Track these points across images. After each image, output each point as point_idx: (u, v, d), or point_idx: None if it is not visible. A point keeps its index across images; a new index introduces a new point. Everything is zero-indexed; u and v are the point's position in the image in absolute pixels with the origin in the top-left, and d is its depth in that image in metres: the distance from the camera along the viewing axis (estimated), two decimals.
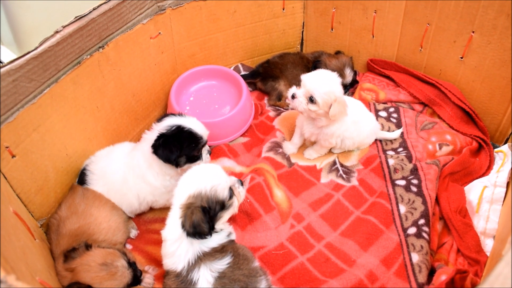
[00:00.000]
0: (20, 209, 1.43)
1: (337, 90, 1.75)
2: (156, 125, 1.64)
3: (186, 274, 1.31)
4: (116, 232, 1.58)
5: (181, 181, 1.40)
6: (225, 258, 1.34)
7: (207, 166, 1.43)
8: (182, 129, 1.59)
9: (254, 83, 2.38)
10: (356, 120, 1.89)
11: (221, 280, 1.29)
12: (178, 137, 1.57)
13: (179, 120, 1.62)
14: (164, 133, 1.58)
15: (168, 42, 2.05)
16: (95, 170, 1.69)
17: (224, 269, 1.31)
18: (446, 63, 2.14)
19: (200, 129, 1.63)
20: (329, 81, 1.75)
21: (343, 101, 1.75)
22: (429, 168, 1.82)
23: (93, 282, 1.33)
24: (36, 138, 1.49)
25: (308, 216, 1.76)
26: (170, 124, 1.60)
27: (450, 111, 2.09)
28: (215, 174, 1.38)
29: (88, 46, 1.61)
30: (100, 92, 1.75)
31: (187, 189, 1.34)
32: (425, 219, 1.66)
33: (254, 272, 1.36)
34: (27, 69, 1.38)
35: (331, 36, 2.43)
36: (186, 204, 1.32)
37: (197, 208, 1.29)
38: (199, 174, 1.38)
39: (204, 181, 1.34)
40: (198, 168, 1.42)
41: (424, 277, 1.51)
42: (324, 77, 1.77)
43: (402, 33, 2.21)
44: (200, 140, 1.62)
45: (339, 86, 1.77)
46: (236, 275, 1.32)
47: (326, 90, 1.72)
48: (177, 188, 1.38)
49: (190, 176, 1.39)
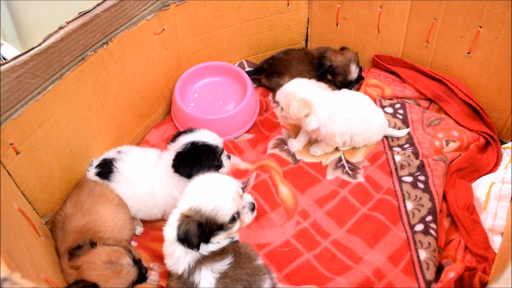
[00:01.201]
0: (25, 206, 1.42)
1: (296, 89, 1.76)
2: (171, 146, 1.64)
3: (187, 277, 1.29)
4: (122, 230, 1.57)
5: (190, 186, 1.38)
6: (226, 259, 1.32)
7: (221, 181, 1.37)
8: (197, 144, 1.59)
9: (258, 80, 2.36)
10: (363, 118, 1.87)
11: (223, 280, 1.27)
12: (195, 152, 1.58)
13: (191, 136, 1.63)
14: (180, 151, 1.59)
15: (172, 38, 2.04)
16: (124, 171, 1.67)
17: (225, 269, 1.29)
18: (453, 58, 2.12)
19: (214, 139, 1.63)
20: (290, 84, 1.80)
21: (304, 99, 1.74)
22: (436, 165, 1.80)
23: (98, 280, 1.31)
24: (41, 134, 1.48)
25: (314, 213, 1.74)
26: (185, 142, 1.61)
27: (456, 107, 2.07)
28: (223, 196, 1.32)
29: (92, 42, 1.60)
30: (104, 88, 1.73)
31: (191, 199, 1.32)
32: (433, 215, 1.64)
33: (257, 271, 1.34)
34: (31, 65, 1.36)
35: (336, 32, 2.41)
36: (185, 214, 1.30)
37: (194, 221, 1.27)
38: (207, 188, 1.34)
39: (208, 199, 1.30)
40: (211, 179, 1.38)
41: (432, 274, 1.49)
42: (290, 83, 1.82)
43: (408, 29, 2.19)
44: (216, 150, 1.62)
45: (301, 88, 1.77)
46: (238, 274, 1.30)
47: (284, 92, 1.77)
48: (185, 193, 1.37)
49: (199, 185, 1.36)
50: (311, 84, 1.80)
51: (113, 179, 1.66)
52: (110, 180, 1.66)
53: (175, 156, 1.59)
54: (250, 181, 1.80)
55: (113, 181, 1.66)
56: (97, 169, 1.70)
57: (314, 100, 1.76)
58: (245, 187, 1.80)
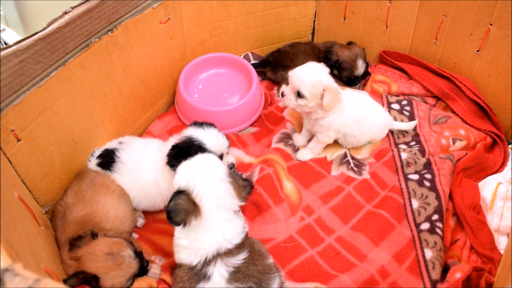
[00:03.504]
0: (25, 194, 1.38)
1: (324, 79, 1.69)
2: (179, 133, 1.63)
3: (200, 268, 1.26)
4: (123, 221, 1.53)
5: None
6: (242, 254, 1.29)
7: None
8: (193, 142, 1.56)
9: (264, 72, 2.33)
10: (358, 119, 1.83)
11: (236, 275, 1.25)
12: (188, 149, 1.54)
13: (195, 131, 1.59)
14: (177, 143, 1.56)
15: (178, 28, 2.00)
16: (127, 161, 1.64)
17: (239, 264, 1.27)
18: (462, 56, 2.09)
19: (212, 143, 1.57)
20: (314, 72, 1.71)
21: (334, 88, 1.68)
22: (443, 163, 1.77)
23: (99, 271, 1.29)
24: (42, 122, 1.44)
25: (318, 209, 1.72)
26: (186, 135, 1.58)
27: (464, 106, 2.04)
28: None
29: (97, 29, 1.56)
30: (108, 77, 1.69)
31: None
32: (439, 214, 1.61)
33: (268, 269, 1.32)
34: (35, 50, 1.33)
35: (344, 26, 2.37)
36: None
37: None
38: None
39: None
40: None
41: (437, 274, 1.46)
42: (308, 69, 1.72)
43: (417, 24, 2.15)
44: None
45: (326, 75, 1.71)
46: (250, 270, 1.27)
47: (312, 81, 1.67)
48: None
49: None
50: (325, 68, 1.73)
51: (115, 170, 1.63)
52: (112, 170, 1.63)
53: (172, 146, 1.56)
54: (254, 175, 1.77)
55: (115, 171, 1.63)
56: (99, 159, 1.67)
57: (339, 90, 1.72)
58: None
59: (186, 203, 1.24)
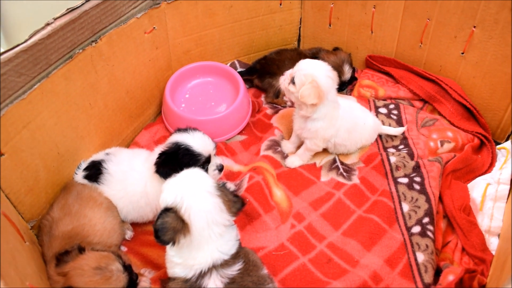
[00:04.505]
0: (9, 210, 1.35)
1: (319, 76, 1.66)
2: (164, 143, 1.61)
3: (195, 280, 1.24)
4: (111, 234, 1.51)
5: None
6: (237, 264, 1.27)
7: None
8: (179, 146, 1.53)
9: (251, 80, 2.32)
10: (350, 129, 1.83)
11: (230, 285, 1.23)
12: (176, 154, 1.52)
13: (180, 136, 1.57)
14: (164, 151, 1.54)
15: (163, 37, 1.99)
16: (114, 172, 1.62)
17: (234, 275, 1.25)
18: (447, 58, 2.10)
19: (199, 145, 1.55)
20: (314, 67, 1.70)
21: (319, 88, 1.65)
22: (431, 166, 1.77)
23: (87, 286, 1.25)
24: (26, 135, 1.42)
25: (308, 216, 1.70)
26: (171, 141, 1.56)
27: (450, 108, 2.05)
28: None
29: (80, 39, 1.54)
30: (93, 88, 1.68)
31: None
32: (430, 217, 1.61)
33: (262, 280, 1.30)
34: (16, 62, 1.31)
35: (329, 32, 2.38)
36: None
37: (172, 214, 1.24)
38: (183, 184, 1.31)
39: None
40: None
41: (430, 277, 1.46)
42: (313, 63, 1.72)
43: (402, 29, 2.16)
44: (198, 157, 1.54)
45: (325, 77, 1.68)
46: (245, 281, 1.25)
47: (306, 72, 1.67)
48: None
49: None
50: (332, 73, 1.71)
51: (102, 181, 1.61)
52: (99, 182, 1.60)
53: (159, 154, 1.54)
54: (243, 183, 1.76)
55: (102, 183, 1.61)
56: (86, 171, 1.64)
57: (327, 95, 1.69)
58: (238, 190, 1.75)
59: (174, 221, 1.21)
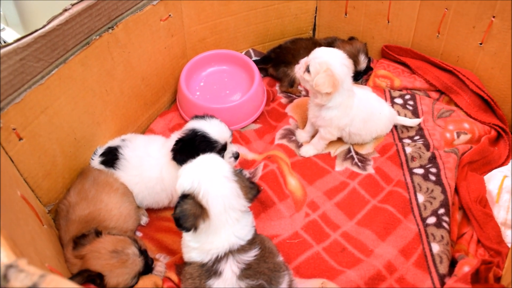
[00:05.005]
0: (28, 193, 1.37)
1: (334, 64, 1.65)
2: (181, 129, 1.61)
3: (212, 265, 1.25)
4: (127, 219, 1.52)
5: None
6: (253, 250, 1.27)
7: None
8: (196, 133, 1.54)
9: (265, 69, 2.31)
10: (366, 119, 1.82)
11: (246, 271, 1.23)
12: (193, 141, 1.53)
13: (197, 123, 1.57)
14: (181, 138, 1.55)
15: (178, 25, 1.98)
16: (131, 157, 1.63)
17: (250, 261, 1.25)
18: (464, 49, 2.07)
19: (216, 132, 1.55)
20: (329, 54, 1.68)
21: (334, 76, 1.64)
22: (447, 157, 1.76)
23: (103, 269, 1.27)
24: (44, 120, 1.43)
25: (323, 205, 1.70)
26: (188, 128, 1.57)
27: (467, 99, 2.03)
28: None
29: (97, 26, 1.54)
30: (109, 74, 1.68)
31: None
32: (445, 208, 1.60)
33: (278, 267, 1.30)
34: (35, 47, 1.31)
35: (345, 21, 2.35)
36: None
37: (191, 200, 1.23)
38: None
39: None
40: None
41: (445, 268, 1.45)
42: (328, 51, 1.70)
43: (419, 18, 2.13)
44: (214, 144, 1.54)
45: (340, 65, 1.67)
46: (261, 267, 1.25)
47: (321, 60, 1.66)
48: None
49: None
50: (347, 61, 1.70)
51: (119, 167, 1.62)
52: (115, 168, 1.62)
53: (176, 141, 1.55)
54: (258, 171, 1.76)
55: (119, 168, 1.62)
56: (102, 157, 1.65)
57: (343, 83, 1.68)
58: (252, 178, 1.76)
59: (193, 207, 1.21)
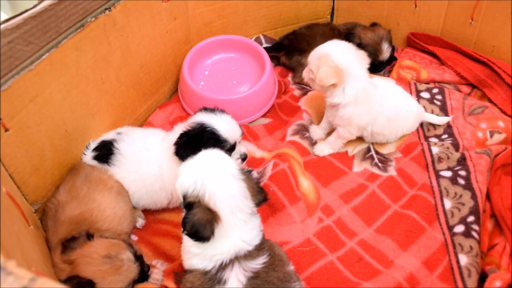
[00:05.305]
0: (13, 190, 1.38)
1: (334, 53, 1.64)
2: (185, 121, 1.62)
3: (215, 272, 1.25)
4: (122, 221, 1.54)
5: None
6: (261, 257, 1.27)
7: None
8: (204, 128, 1.55)
9: (277, 57, 2.32)
10: (391, 117, 1.81)
11: (254, 280, 1.23)
12: (200, 137, 1.53)
13: (206, 117, 1.58)
14: (186, 131, 1.55)
15: (182, 7, 1.99)
16: (126, 152, 1.64)
17: (258, 269, 1.25)
18: (501, 38, 2.07)
19: (226, 131, 1.56)
20: (326, 46, 1.69)
21: (336, 66, 1.63)
22: (479, 158, 1.75)
23: (95, 276, 1.28)
24: (33, 110, 1.44)
25: (338, 209, 1.71)
26: (196, 121, 1.57)
27: (503, 94, 2.02)
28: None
29: (93, 7, 1.55)
30: (105, 61, 1.69)
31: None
32: (475, 216, 1.60)
33: (289, 277, 1.30)
34: (25, 29, 1.32)
35: (367, 5, 2.36)
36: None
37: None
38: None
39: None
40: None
41: (474, 282, 1.45)
42: (327, 44, 1.71)
43: (450, 3, 2.13)
44: (223, 143, 1.55)
45: (342, 53, 1.66)
46: (270, 277, 1.25)
47: (320, 54, 1.66)
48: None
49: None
50: (351, 49, 1.70)
51: (113, 162, 1.63)
52: (110, 163, 1.63)
53: (180, 134, 1.55)
54: (267, 170, 1.76)
55: (113, 164, 1.63)
56: (95, 152, 1.67)
57: (348, 71, 1.67)
58: (260, 178, 1.76)
59: (203, 213, 1.21)
